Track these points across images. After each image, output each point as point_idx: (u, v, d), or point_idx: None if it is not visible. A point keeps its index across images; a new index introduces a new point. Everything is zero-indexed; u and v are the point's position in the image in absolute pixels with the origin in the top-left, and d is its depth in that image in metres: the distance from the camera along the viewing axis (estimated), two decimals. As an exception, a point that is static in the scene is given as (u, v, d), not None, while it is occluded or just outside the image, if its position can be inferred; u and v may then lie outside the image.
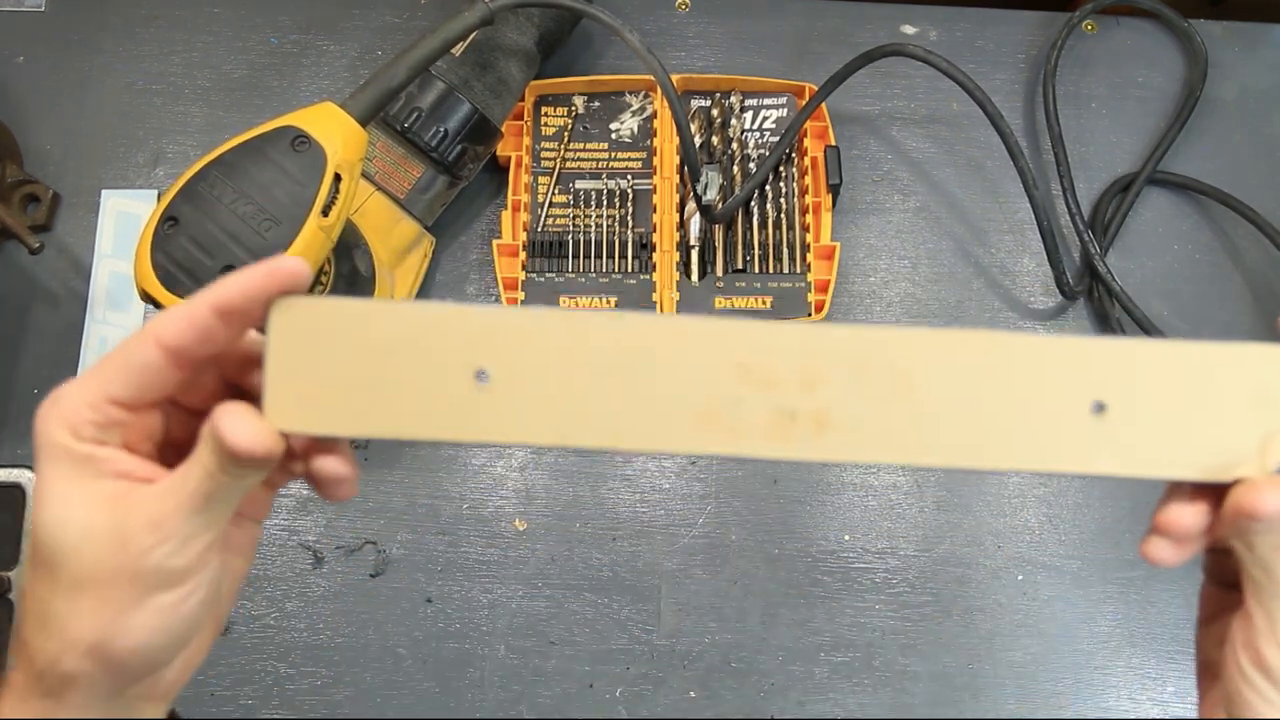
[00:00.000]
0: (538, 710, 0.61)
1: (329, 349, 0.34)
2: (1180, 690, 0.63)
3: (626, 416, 0.34)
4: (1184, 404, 0.34)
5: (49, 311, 0.68)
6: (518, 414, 0.34)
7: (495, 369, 0.34)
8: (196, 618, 0.34)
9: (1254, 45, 0.76)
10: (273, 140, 0.52)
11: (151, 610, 0.33)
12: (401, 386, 0.34)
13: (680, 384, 0.34)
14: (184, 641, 0.34)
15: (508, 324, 0.34)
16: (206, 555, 0.33)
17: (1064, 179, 0.70)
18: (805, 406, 0.34)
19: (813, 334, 0.34)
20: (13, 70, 0.73)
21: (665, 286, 0.67)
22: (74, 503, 0.34)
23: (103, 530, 0.32)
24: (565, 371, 0.34)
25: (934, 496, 0.66)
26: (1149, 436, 0.34)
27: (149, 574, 0.32)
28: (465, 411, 0.34)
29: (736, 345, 0.34)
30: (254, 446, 0.31)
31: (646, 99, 0.71)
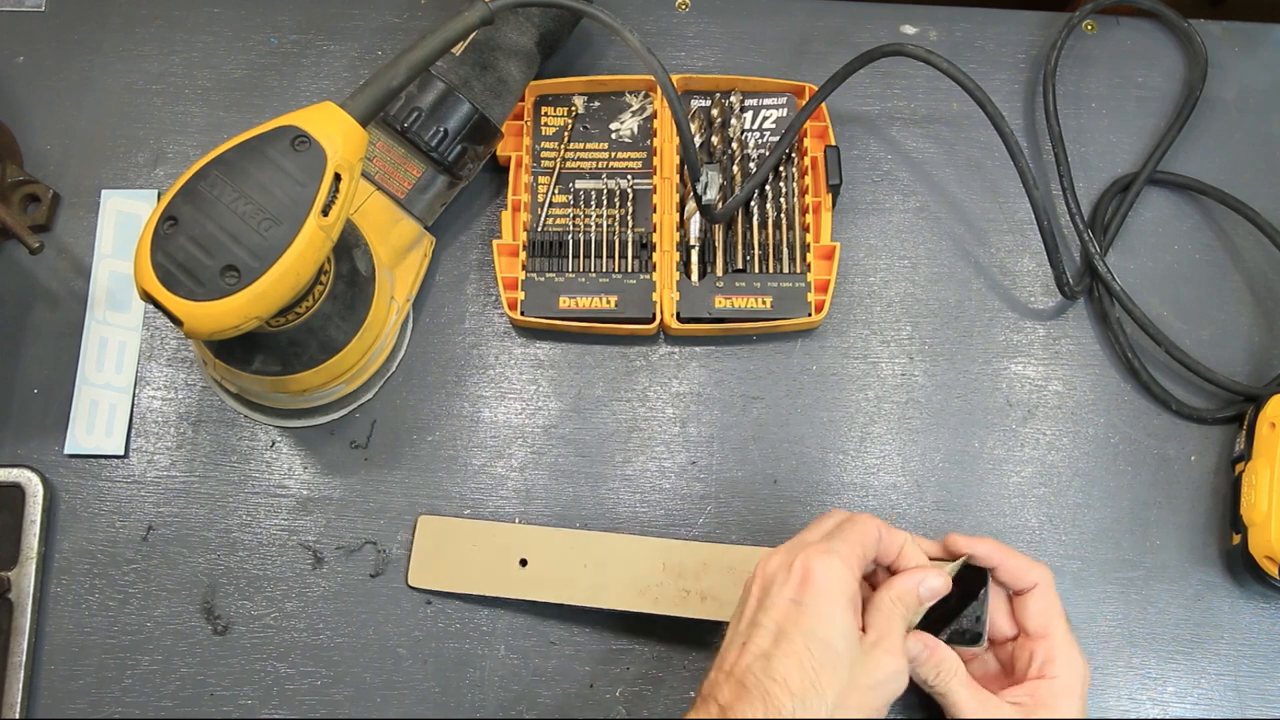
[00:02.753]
0: (538, 710, 0.61)
1: (446, 543, 0.63)
2: (1180, 690, 0.63)
3: (600, 588, 0.61)
4: None
5: (49, 311, 0.68)
6: (543, 584, 0.61)
7: (531, 558, 0.62)
8: None
9: (1254, 45, 0.76)
10: (273, 140, 0.52)
11: (886, 708, 0.49)
12: (480, 566, 0.62)
13: (631, 571, 0.61)
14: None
15: (539, 535, 0.63)
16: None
17: (1064, 179, 0.70)
18: (695, 587, 0.60)
19: (703, 549, 0.62)
20: (13, 70, 0.73)
21: (665, 286, 0.67)
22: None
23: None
24: (569, 562, 0.62)
25: (934, 497, 0.66)
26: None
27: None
28: (514, 581, 0.61)
29: (663, 552, 0.61)
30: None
31: (646, 99, 0.71)
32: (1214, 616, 0.64)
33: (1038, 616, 0.55)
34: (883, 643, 0.49)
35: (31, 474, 0.63)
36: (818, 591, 0.48)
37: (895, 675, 0.49)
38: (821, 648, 0.47)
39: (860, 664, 0.48)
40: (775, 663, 0.47)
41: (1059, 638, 0.55)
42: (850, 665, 0.47)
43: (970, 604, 0.55)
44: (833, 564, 0.49)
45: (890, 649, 0.49)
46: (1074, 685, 0.54)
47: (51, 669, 0.62)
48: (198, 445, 0.66)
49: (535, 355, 0.68)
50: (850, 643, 0.48)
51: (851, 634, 0.48)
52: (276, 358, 0.59)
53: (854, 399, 0.68)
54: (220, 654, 0.62)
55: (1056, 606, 0.55)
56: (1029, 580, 0.56)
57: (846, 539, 0.51)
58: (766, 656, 0.48)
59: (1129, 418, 0.68)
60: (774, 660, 0.47)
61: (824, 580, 0.48)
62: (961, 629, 0.55)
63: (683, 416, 0.67)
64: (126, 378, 0.67)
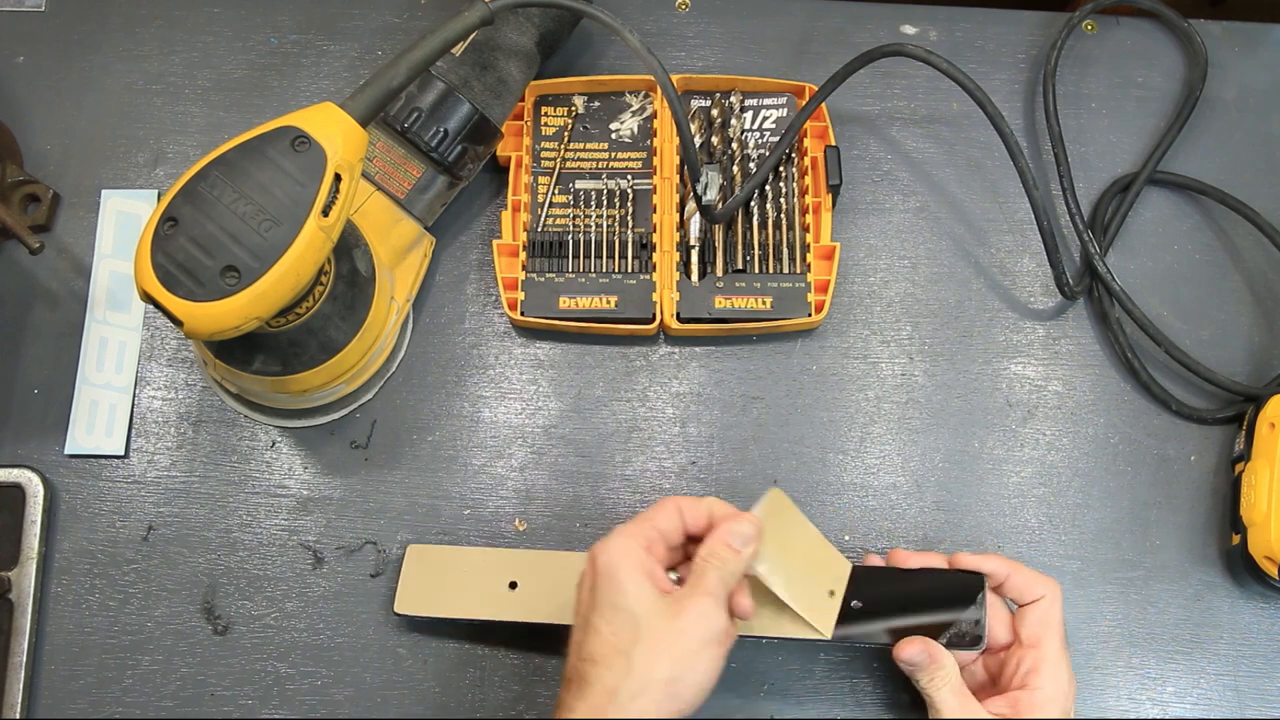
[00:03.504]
0: (538, 710, 0.61)
1: (435, 570, 0.62)
2: (1180, 690, 0.63)
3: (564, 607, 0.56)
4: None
5: (49, 311, 0.68)
6: (533, 606, 0.60)
7: (521, 581, 0.61)
8: (720, 672, 0.49)
9: (1254, 45, 0.76)
10: (273, 140, 0.52)
11: (706, 659, 0.49)
12: (470, 590, 0.61)
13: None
14: (712, 689, 0.49)
15: (528, 558, 0.62)
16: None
17: (1064, 179, 0.70)
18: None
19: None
20: (13, 70, 0.73)
21: (665, 286, 0.67)
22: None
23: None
24: (559, 583, 0.58)
25: (934, 497, 0.66)
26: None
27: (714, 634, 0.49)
28: (504, 604, 0.60)
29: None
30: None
31: (646, 99, 0.71)
32: (1214, 616, 0.64)
33: (1033, 625, 0.56)
34: (693, 593, 0.49)
35: (32, 474, 0.63)
36: (603, 571, 0.50)
37: (704, 619, 0.49)
38: (615, 614, 0.48)
39: (665, 616, 0.48)
40: (584, 648, 0.49)
41: (1049, 650, 0.55)
42: (652, 620, 0.48)
43: (969, 609, 0.56)
44: (614, 544, 0.50)
45: (698, 597, 0.49)
46: (1056, 699, 0.54)
47: (52, 669, 0.62)
48: (198, 445, 0.66)
49: (535, 355, 0.68)
50: (647, 603, 0.48)
51: (646, 595, 0.49)
52: (277, 358, 0.59)
53: (854, 399, 0.68)
54: (220, 654, 0.62)
55: (1055, 621, 0.56)
56: (1035, 593, 0.56)
57: (636, 520, 0.52)
58: (579, 645, 0.50)
59: (1129, 418, 0.68)
60: (583, 646, 0.49)
61: (606, 559, 0.50)
62: (961, 632, 0.56)
63: (683, 416, 0.67)
64: (126, 378, 0.67)
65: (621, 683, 0.47)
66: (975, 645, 0.55)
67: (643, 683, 0.47)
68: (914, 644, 0.55)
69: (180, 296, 0.50)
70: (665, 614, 0.48)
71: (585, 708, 0.47)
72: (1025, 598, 0.57)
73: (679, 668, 0.48)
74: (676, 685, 0.47)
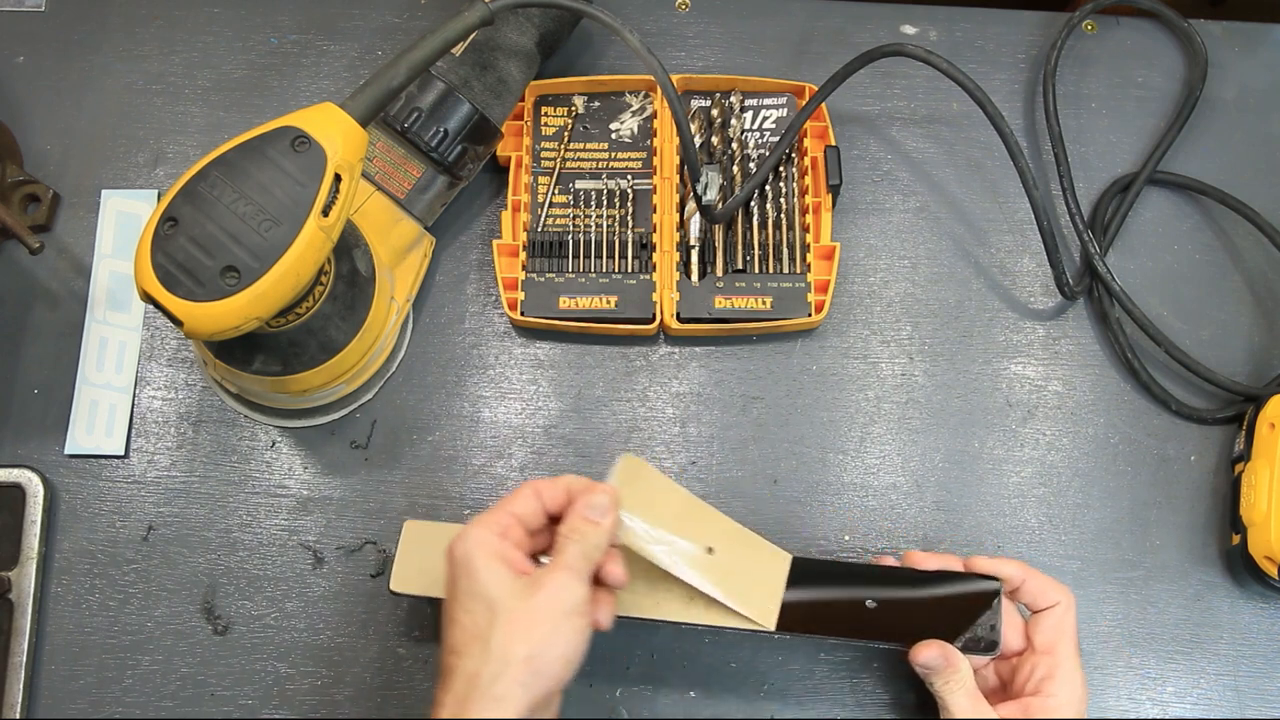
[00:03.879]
0: (538, 710, 0.61)
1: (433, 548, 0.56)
2: (1180, 690, 0.63)
3: None
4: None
5: (49, 311, 0.68)
6: None
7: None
8: (585, 642, 0.49)
9: (1254, 45, 0.76)
10: (273, 140, 0.52)
11: (567, 631, 0.48)
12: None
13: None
14: (579, 659, 0.49)
15: None
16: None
17: (1064, 179, 0.70)
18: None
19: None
20: (13, 70, 0.73)
21: (665, 286, 0.67)
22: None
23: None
24: None
25: (934, 497, 0.66)
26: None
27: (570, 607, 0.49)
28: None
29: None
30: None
31: (646, 99, 0.71)
32: (1213, 616, 0.64)
33: (1048, 632, 0.56)
34: (550, 569, 0.50)
35: (32, 474, 0.63)
36: (459, 562, 0.50)
37: (559, 593, 0.49)
38: (472, 602, 0.49)
39: (521, 596, 0.48)
40: (447, 641, 0.50)
41: (1064, 658, 0.55)
42: (508, 602, 0.48)
43: (984, 613, 0.55)
44: (468, 534, 0.50)
45: (554, 572, 0.49)
46: (1068, 706, 0.54)
47: (52, 669, 0.62)
48: (198, 445, 0.66)
49: (535, 355, 0.68)
50: (503, 586, 0.48)
51: (500, 579, 0.49)
52: (277, 358, 0.59)
53: (854, 399, 0.68)
54: (220, 654, 0.62)
55: (1069, 628, 0.56)
56: (1050, 600, 0.56)
57: (492, 509, 0.52)
58: (444, 640, 0.50)
59: (1129, 418, 0.68)
60: (447, 639, 0.50)
61: (462, 551, 0.50)
62: (977, 637, 0.55)
63: (683, 416, 0.67)
64: (126, 378, 0.67)
65: (482, 667, 0.47)
66: (990, 650, 0.55)
67: (502, 663, 0.47)
68: (931, 648, 0.54)
69: (180, 296, 0.50)
70: (521, 594, 0.48)
71: (451, 700, 0.47)
72: (1040, 604, 0.56)
73: (538, 644, 0.48)
74: (537, 661, 0.47)
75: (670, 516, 0.54)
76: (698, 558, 0.55)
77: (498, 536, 0.50)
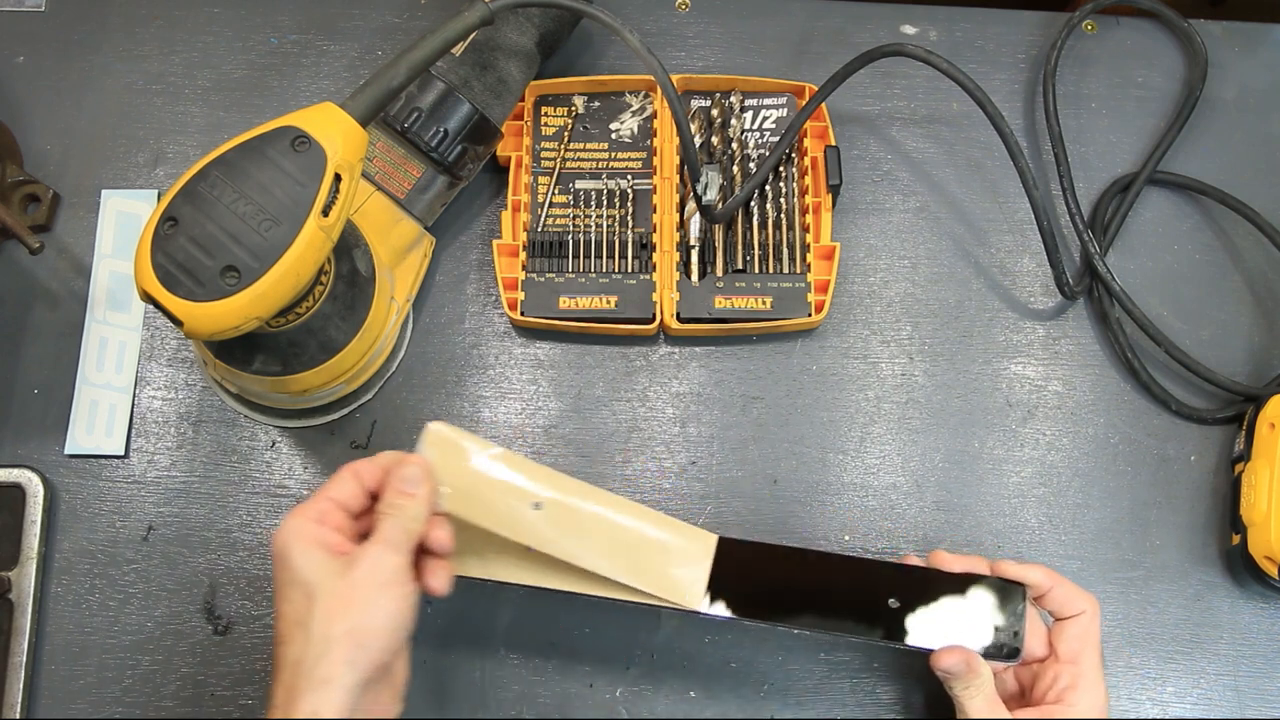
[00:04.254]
0: (538, 710, 0.61)
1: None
2: (1180, 690, 0.63)
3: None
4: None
5: (49, 311, 0.68)
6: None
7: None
8: (414, 610, 0.50)
9: (1254, 45, 0.76)
10: (273, 140, 0.52)
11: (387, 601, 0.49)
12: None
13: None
14: (406, 626, 0.50)
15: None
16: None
17: (1064, 179, 0.70)
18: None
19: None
20: (13, 70, 0.73)
21: (665, 286, 0.67)
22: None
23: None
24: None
25: (934, 497, 0.66)
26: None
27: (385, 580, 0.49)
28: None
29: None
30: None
31: (646, 99, 0.71)
32: (1214, 616, 0.64)
33: (1072, 641, 0.55)
34: (367, 545, 0.50)
35: (32, 474, 0.63)
36: (278, 556, 0.50)
37: (374, 565, 0.49)
38: (291, 590, 0.49)
39: (338, 575, 0.49)
40: (275, 634, 0.49)
41: (1087, 668, 0.54)
42: (325, 583, 0.48)
43: (1008, 619, 0.55)
44: (284, 526, 0.50)
45: (369, 546, 0.50)
46: (1091, 716, 0.53)
47: (52, 669, 0.62)
48: (198, 445, 0.66)
49: (535, 355, 0.68)
50: (319, 570, 0.49)
51: (316, 563, 0.49)
52: (277, 358, 0.59)
53: (854, 399, 0.68)
54: (220, 654, 0.62)
55: (1094, 637, 0.55)
56: (1076, 608, 0.55)
57: (309, 498, 0.52)
58: (274, 634, 0.50)
59: (1129, 418, 0.68)
60: (275, 633, 0.50)
61: (279, 544, 0.50)
62: (999, 643, 0.54)
63: (683, 416, 0.67)
64: (126, 378, 0.67)
65: (305, 652, 0.47)
66: (1013, 657, 0.54)
67: (324, 643, 0.47)
68: (954, 654, 0.53)
69: (180, 296, 0.50)
70: (337, 574, 0.49)
71: (280, 691, 0.47)
72: (1065, 612, 0.56)
73: (357, 618, 0.48)
74: (359, 634, 0.47)
75: (490, 481, 0.54)
76: (522, 514, 0.54)
77: (314, 523, 0.50)
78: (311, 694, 0.46)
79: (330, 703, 0.46)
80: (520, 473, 0.54)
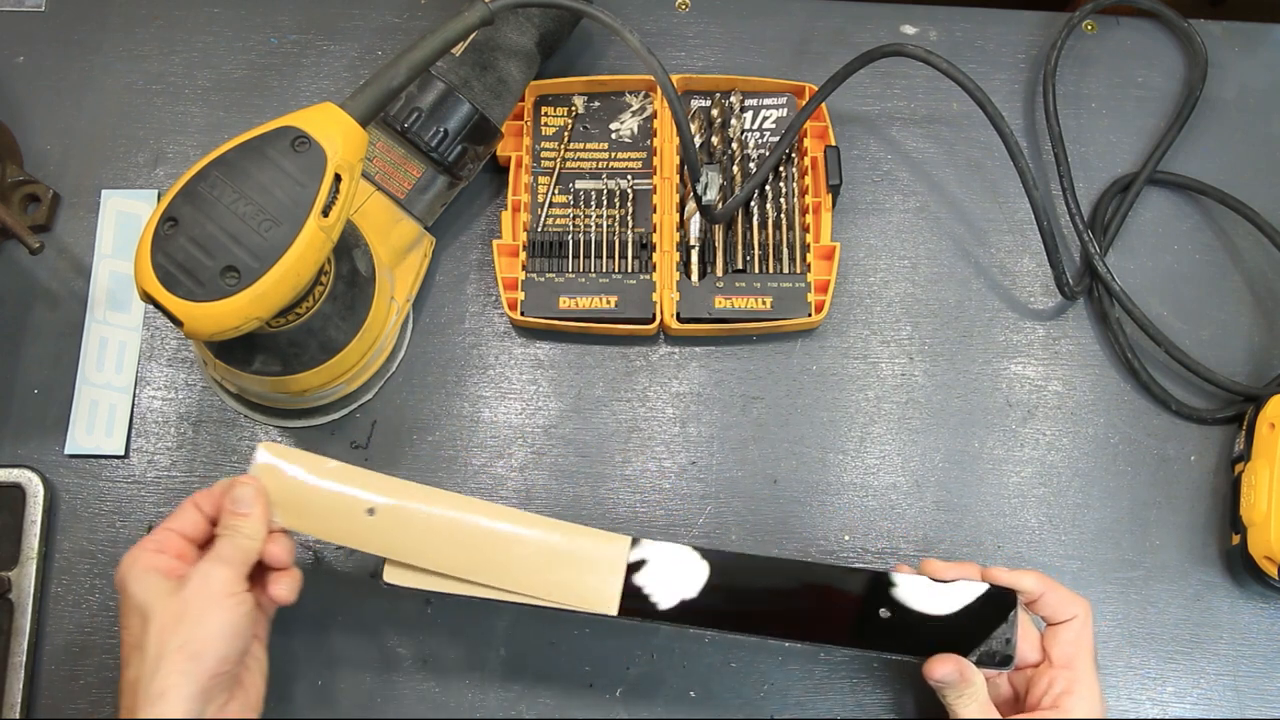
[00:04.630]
0: (538, 710, 0.61)
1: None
2: (1180, 690, 0.63)
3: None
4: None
5: (49, 311, 0.68)
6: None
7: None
8: (249, 619, 0.51)
9: (1254, 45, 0.76)
10: (273, 140, 0.52)
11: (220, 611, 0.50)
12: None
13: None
14: (243, 634, 0.50)
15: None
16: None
17: (1064, 179, 0.70)
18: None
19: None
20: (13, 70, 0.73)
21: (665, 286, 0.67)
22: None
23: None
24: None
25: (934, 497, 0.66)
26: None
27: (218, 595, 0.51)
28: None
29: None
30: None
31: (646, 99, 0.71)
32: (1213, 616, 0.64)
33: (1066, 646, 0.55)
34: (199, 564, 0.51)
35: (32, 474, 0.63)
36: (119, 588, 0.51)
37: (204, 580, 0.50)
38: (129, 616, 0.50)
39: (170, 594, 0.50)
40: (121, 661, 0.51)
41: (1082, 672, 0.54)
42: (158, 604, 0.50)
43: (999, 626, 0.55)
44: (124, 561, 0.52)
45: (201, 565, 0.51)
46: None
47: (52, 669, 0.62)
48: (198, 445, 0.66)
49: (535, 355, 0.68)
50: (153, 593, 0.50)
51: (151, 587, 0.50)
52: (277, 358, 0.59)
53: (854, 399, 0.68)
54: (220, 654, 0.62)
55: (1087, 641, 0.55)
56: (1068, 613, 0.55)
57: (152, 532, 0.54)
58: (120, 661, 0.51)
59: (1129, 418, 0.68)
60: (121, 659, 0.51)
61: (118, 577, 0.51)
62: (991, 651, 0.54)
63: (683, 416, 0.67)
64: (126, 378, 0.67)
65: (141, 671, 0.48)
66: (1005, 665, 0.54)
67: (158, 659, 0.48)
68: (946, 663, 0.53)
69: (180, 296, 0.50)
70: (170, 593, 0.50)
71: (123, 713, 0.49)
72: (1058, 617, 0.56)
73: (190, 630, 0.49)
74: (192, 645, 0.49)
75: (324, 494, 0.55)
76: (357, 521, 0.55)
77: (151, 552, 0.52)
78: (149, 709, 0.47)
79: (170, 715, 0.47)
80: (352, 483, 0.55)
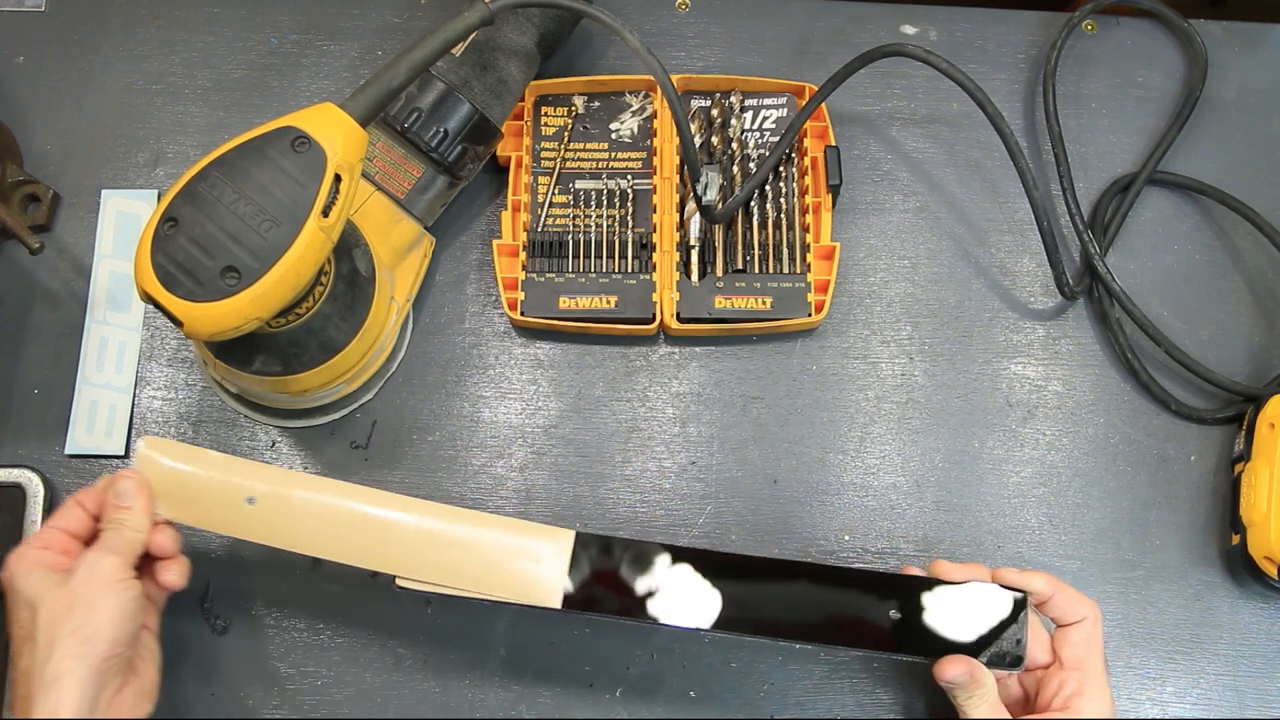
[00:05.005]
0: (538, 710, 0.61)
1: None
2: (1180, 690, 0.63)
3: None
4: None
5: (49, 311, 0.68)
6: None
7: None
8: (138, 604, 0.52)
9: (1254, 45, 0.76)
10: (273, 140, 0.52)
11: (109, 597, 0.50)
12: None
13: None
14: (132, 618, 0.51)
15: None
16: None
17: (1064, 179, 0.70)
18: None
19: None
20: (13, 70, 0.73)
21: (665, 286, 0.67)
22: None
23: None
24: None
25: (934, 497, 0.66)
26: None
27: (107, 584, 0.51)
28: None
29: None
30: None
31: (646, 99, 0.71)
32: (1213, 616, 0.64)
33: (1076, 647, 0.55)
34: (87, 553, 0.52)
35: (32, 474, 0.63)
36: (5, 584, 0.52)
37: (90, 570, 0.51)
38: (18, 611, 0.51)
39: (58, 585, 0.51)
40: (10, 656, 0.51)
41: (1093, 674, 0.54)
42: (47, 596, 0.50)
43: (1010, 627, 0.54)
44: (10, 559, 0.52)
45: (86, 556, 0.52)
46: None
47: (52, 669, 0.62)
48: (198, 445, 0.66)
49: (535, 355, 0.68)
50: (40, 586, 0.51)
51: (37, 581, 0.51)
52: (277, 358, 0.59)
53: (854, 399, 0.68)
54: (220, 654, 0.62)
55: (1097, 643, 0.55)
56: (1078, 614, 0.55)
57: (36, 532, 0.55)
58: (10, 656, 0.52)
59: (1129, 418, 0.68)
60: (11, 655, 0.51)
61: (5, 574, 0.52)
62: (1001, 652, 0.54)
63: (683, 416, 0.67)
64: (127, 378, 0.67)
65: (33, 661, 0.49)
66: (1015, 666, 0.54)
67: (50, 645, 0.49)
68: (957, 664, 0.53)
69: (180, 297, 0.50)
70: (58, 584, 0.51)
71: (18, 705, 0.49)
72: (1067, 618, 0.56)
73: (81, 616, 0.50)
74: (85, 629, 0.49)
75: (208, 484, 0.56)
76: (237, 510, 0.55)
77: (37, 549, 0.52)
78: (45, 695, 0.48)
79: (65, 699, 0.48)
80: (232, 473, 0.56)
